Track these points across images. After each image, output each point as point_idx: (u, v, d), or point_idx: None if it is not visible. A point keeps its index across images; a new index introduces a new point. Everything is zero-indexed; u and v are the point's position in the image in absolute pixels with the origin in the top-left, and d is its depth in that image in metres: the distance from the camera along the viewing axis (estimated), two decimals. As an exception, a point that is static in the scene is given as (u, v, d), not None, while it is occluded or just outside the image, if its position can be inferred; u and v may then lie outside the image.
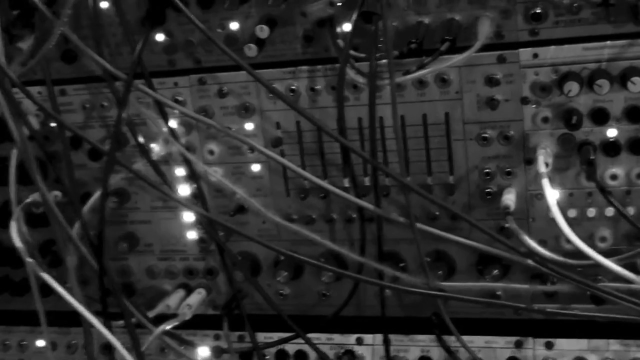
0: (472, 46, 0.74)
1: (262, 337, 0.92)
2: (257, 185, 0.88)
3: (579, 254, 0.78)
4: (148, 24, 0.81)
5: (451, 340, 0.85)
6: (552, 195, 0.70)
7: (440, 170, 0.82)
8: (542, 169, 0.74)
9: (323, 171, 0.85)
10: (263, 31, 0.79)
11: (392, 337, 0.89)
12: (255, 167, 0.87)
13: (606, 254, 0.78)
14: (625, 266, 0.77)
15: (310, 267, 0.89)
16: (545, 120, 0.78)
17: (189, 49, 0.84)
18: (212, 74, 0.85)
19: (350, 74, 0.76)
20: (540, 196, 0.80)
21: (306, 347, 0.91)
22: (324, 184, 0.78)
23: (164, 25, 0.83)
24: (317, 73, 0.82)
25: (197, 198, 0.88)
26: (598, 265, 0.64)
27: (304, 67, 0.82)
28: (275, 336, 0.92)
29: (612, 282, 0.74)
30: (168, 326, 0.88)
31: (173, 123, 0.86)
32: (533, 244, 0.71)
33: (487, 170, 0.81)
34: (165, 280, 0.95)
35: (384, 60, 0.77)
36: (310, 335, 0.89)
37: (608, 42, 0.74)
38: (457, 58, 0.74)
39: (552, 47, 0.76)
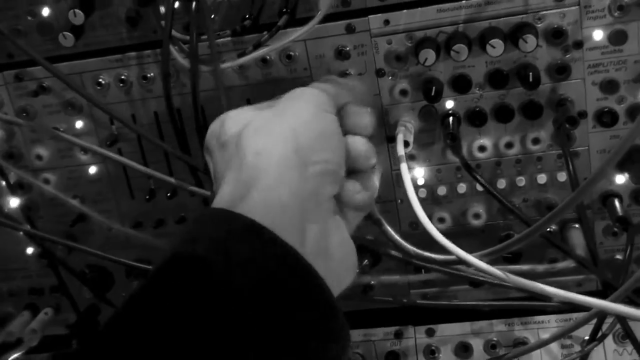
0: (314, 17, 0.65)
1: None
2: (97, 189, 0.78)
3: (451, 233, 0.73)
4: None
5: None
6: (409, 181, 0.63)
7: (296, 156, 0.74)
8: (401, 150, 0.67)
9: (168, 168, 0.76)
10: (77, 17, 0.69)
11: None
12: (92, 169, 0.77)
13: (481, 231, 0.74)
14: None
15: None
16: (403, 93, 0.70)
17: (-3, 41, 0.73)
18: (30, 69, 0.74)
19: (178, 57, 0.66)
20: (407, 175, 0.73)
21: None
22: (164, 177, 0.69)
23: (-39, 16, 0.72)
24: (147, 59, 0.72)
25: (28, 210, 0.77)
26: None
27: (132, 54, 0.72)
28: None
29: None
30: (12, 356, 0.78)
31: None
32: (395, 236, 0.64)
33: (347, 152, 0.73)
34: (9, 303, 0.84)
35: (223, 39, 0.69)
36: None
37: (463, 2, 0.67)
38: (298, 32, 0.65)
39: (404, 11, 0.68)
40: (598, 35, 0.66)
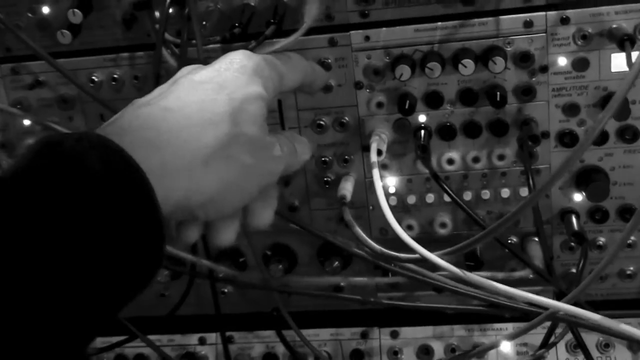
0: (299, 29, 0.70)
1: (100, 341, 0.87)
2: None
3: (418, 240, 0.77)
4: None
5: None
6: (380, 186, 0.67)
7: (275, 160, 0.78)
8: (374, 157, 0.71)
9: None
10: (76, 16, 0.72)
11: (236, 334, 0.85)
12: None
13: (447, 239, 0.79)
14: (466, 252, 0.78)
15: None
16: (379, 105, 0.75)
17: (-4, 35, 0.77)
18: (26, 63, 0.78)
19: (170, 60, 0.70)
20: (379, 183, 0.78)
21: (146, 350, 0.86)
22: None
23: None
24: (139, 60, 0.76)
25: None
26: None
27: (125, 54, 0.76)
28: (114, 340, 0.86)
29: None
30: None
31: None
32: (363, 236, 0.68)
33: (324, 159, 0.77)
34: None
35: (212, 45, 0.73)
36: (150, 337, 0.84)
37: (439, 23, 0.72)
38: (283, 42, 0.70)
39: (384, 29, 0.73)
40: (562, 61, 0.71)
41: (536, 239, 0.76)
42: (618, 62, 0.71)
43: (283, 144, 0.59)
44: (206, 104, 0.52)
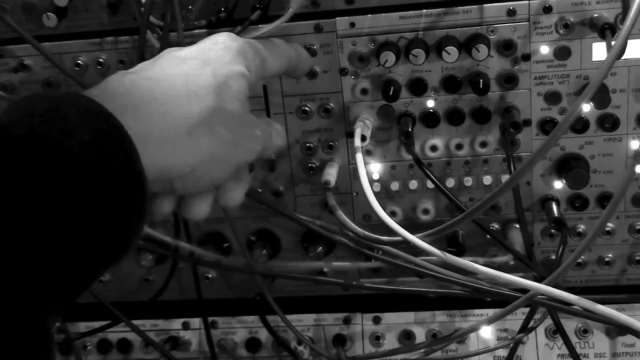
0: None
1: (83, 326, 0.87)
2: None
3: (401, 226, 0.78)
4: None
5: (279, 320, 0.82)
6: (363, 170, 0.68)
7: (260, 145, 0.79)
8: (357, 142, 0.72)
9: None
10: (61, -1, 0.73)
11: (219, 319, 0.86)
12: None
13: (429, 225, 0.79)
14: (448, 238, 0.79)
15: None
16: (364, 91, 0.75)
17: (-19, 18, 0.77)
18: (11, 46, 0.78)
19: (155, 44, 0.71)
20: (363, 170, 0.78)
21: (130, 335, 0.86)
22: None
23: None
24: (124, 44, 0.76)
25: None
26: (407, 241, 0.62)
27: (111, 38, 0.76)
28: (97, 325, 0.86)
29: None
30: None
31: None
32: (346, 219, 0.69)
33: (308, 145, 0.78)
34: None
35: (198, 30, 0.74)
36: (133, 322, 0.84)
37: (424, 11, 0.73)
38: (268, 27, 0.70)
39: (369, 15, 0.73)
40: (544, 49, 0.72)
41: (517, 226, 0.77)
42: (599, 51, 0.72)
43: (262, 127, 0.60)
44: (190, 77, 0.53)
